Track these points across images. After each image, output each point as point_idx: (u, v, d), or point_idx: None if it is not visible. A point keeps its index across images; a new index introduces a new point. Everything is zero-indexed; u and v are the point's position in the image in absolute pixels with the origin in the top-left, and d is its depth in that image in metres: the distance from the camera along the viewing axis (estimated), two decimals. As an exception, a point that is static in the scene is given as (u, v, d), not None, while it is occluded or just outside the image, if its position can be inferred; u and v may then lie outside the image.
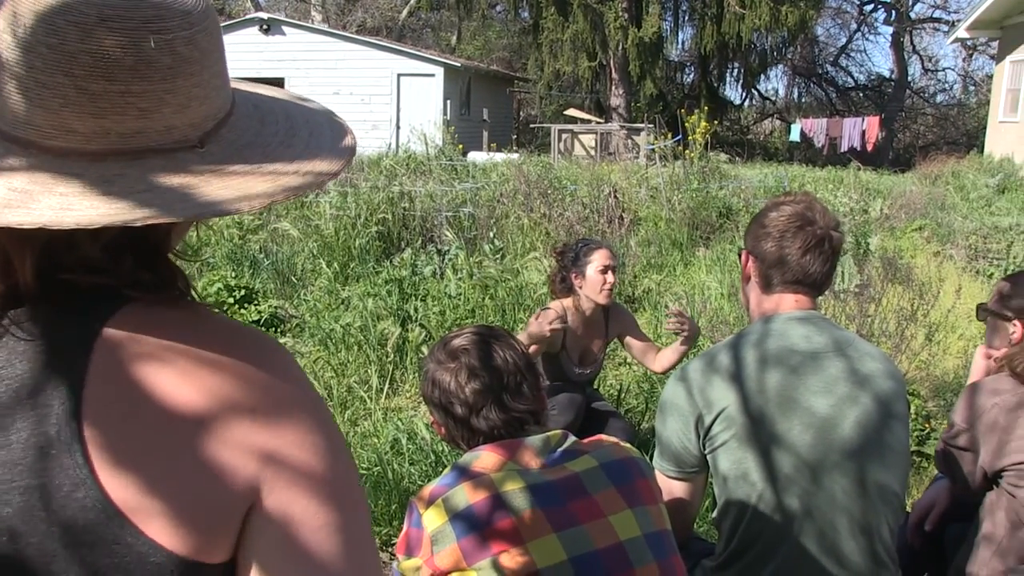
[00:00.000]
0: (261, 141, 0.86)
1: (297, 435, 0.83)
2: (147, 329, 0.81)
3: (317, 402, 0.88)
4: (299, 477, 0.82)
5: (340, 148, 0.91)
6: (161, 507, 0.77)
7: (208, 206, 0.77)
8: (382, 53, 23.26)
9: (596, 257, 3.86)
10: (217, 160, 0.81)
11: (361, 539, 0.86)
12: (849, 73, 36.32)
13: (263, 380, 0.84)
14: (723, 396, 1.96)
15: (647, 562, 1.63)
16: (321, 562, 0.82)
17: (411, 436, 4.15)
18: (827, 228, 2.05)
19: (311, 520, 0.82)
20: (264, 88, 0.99)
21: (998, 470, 2.31)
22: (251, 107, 0.91)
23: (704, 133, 12.79)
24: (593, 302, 3.90)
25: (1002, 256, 9.58)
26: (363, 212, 8.55)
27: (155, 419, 0.78)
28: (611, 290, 3.87)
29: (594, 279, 3.85)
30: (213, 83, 0.83)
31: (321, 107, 0.99)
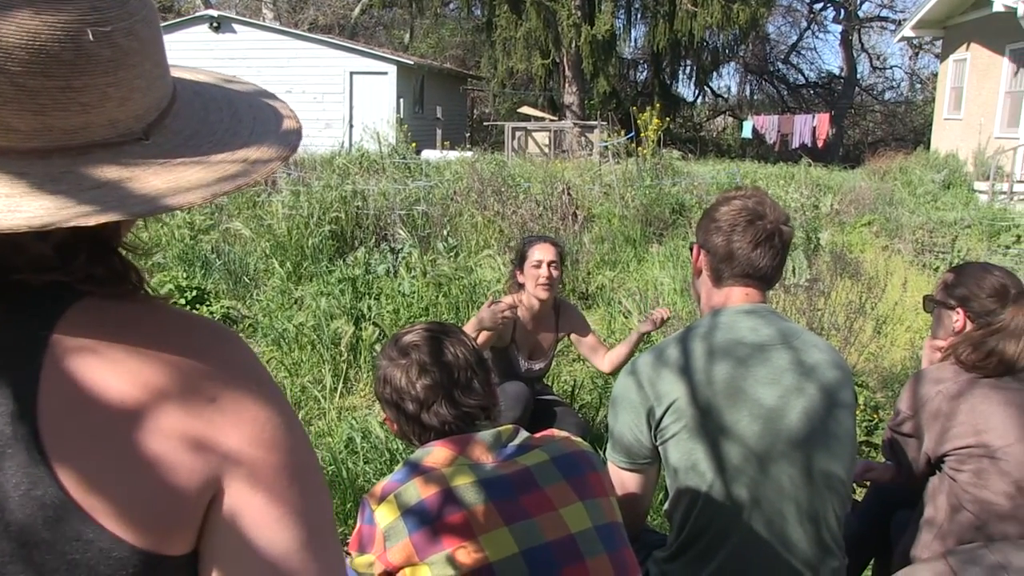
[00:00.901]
0: (207, 129, 0.84)
1: (256, 425, 0.82)
2: (102, 324, 0.80)
3: (275, 392, 0.87)
4: (259, 467, 0.81)
5: (286, 132, 0.89)
6: (121, 501, 0.76)
7: (161, 199, 0.76)
8: (335, 51, 23.10)
9: (533, 252, 3.93)
10: (165, 152, 0.80)
11: (323, 527, 0.86)
12: (800, 71, 36.79)
13: (221, 371, 0.83)
14: (672, 389, 1.98)
15: (598, 554, 1.64)
16: (284, 550, 0.81)
17: (365, 435, 4.14)
18: (777, 222, 2.08)
19: (273, 509, 0.81)
20: (199, 73, 0.96)
21: (941, 455, 2.37)
22: (192, 94, 0.89)
23: (657, 130, 12.88)
24: (535, 297, 3.95)
25: (947, 250, 9.78)
26: (316, 211, 8.49)
27: (111, 413, 0.76)
28: (548, 284, 3.91)
29: (531, 273, 3.91)
30: (155, 72, 0.81)
31: (256, 88, 0.97)
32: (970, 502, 2.29)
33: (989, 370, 2.36)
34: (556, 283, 3.98)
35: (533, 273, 3.90)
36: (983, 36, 18.25)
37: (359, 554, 1.65)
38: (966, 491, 2.30)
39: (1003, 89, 17.66)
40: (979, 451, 2.29)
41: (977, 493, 2.28)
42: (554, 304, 4.13)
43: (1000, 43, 17.49)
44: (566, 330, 4.20)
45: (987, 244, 10.52)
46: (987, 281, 2.45)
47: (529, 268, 3.92)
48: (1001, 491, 2.25)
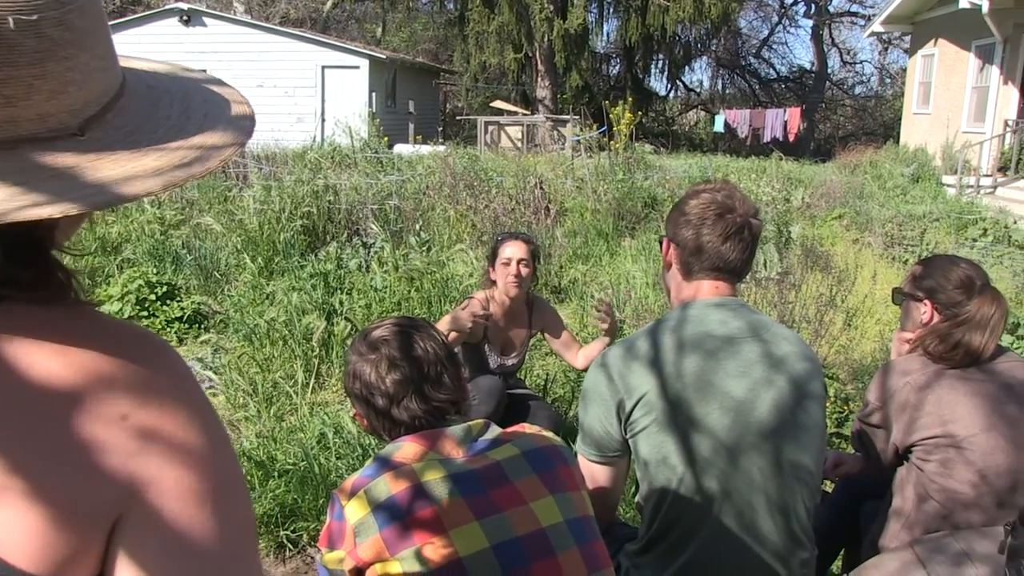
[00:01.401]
0: (150, 126, 0.79)
1: (173, 442, 0.77)
2: (21, 330, 0.74)
3: (200, 407, 0.82)
4: (173, 487, 0.76)
5: (239, 118, 0.85)
6: (15, 524, 0.70)
7: (93, 195, 0.71)
8: (306, 45, 22.97)
9: (505, 249, 3.94)
10: (100, 147, 0.75)
11: (242, 549, 0.81)
12: (771, 65, 37.03)
13: (141, 384, 0.77)
14: (643, 382, 1.99)
15: (569, 547, 1.64)
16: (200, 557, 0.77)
17: (338, 430, 4.13)
18: (746, 216, 2.08)
19: (186, 531, 0.76)
20: (159, 65, 0.92)
21: (908, 446, 2.39)
22: (145, 88, 0.84)
23: (629, 124, 12.91)
24: (506, 294, 3.96)
25: (916, 243, 9.88)
26: (287, 206, 8.45)
27: (12, 426, 0.71)
28: (517, 283, 3.91)
29: (501, 271, 3.93)
30: (93, 65, 0.76)
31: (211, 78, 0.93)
32: (936, 492, 2.32)
33: (956, 361, 2.38)
34: (527, 281, 3.99)
35: (503, 271, 3.92)
36: (950, 32, 18.45)
37: (329, 550, 1.64)
38: (933, 481, 2.33)
39: (970, 84, 17.86)
40: (945, 441, 2.31)
41: (943, 483, 2.30)
42: (527, 300, 4.14)
43: (966, 39, 17.68)
44: (539, 326, 4.21)
45: (955, 237, 10.64)
46: (954, 273, 2.47)
47: (500, 265, 3.93)
48: (966, 480, 2.27)
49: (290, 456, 3.86)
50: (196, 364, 5.38)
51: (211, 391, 5.07)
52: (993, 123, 16.59)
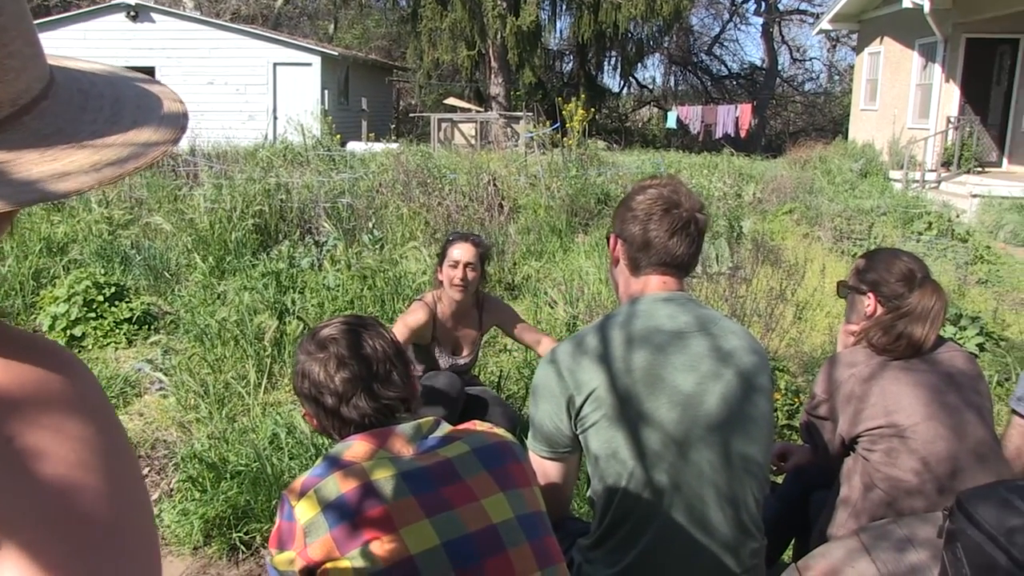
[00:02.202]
0: (72, 129, 0.74)
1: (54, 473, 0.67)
2: None
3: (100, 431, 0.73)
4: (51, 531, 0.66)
5: (173, 115, 0.82)
6: None
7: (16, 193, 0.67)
8: (257, 42, 22.73)
9: (452, 251, 3.91)
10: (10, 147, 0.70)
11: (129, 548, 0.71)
12: (723, 62, 37.34)
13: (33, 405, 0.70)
14: (592, 377, 1.99)
15: (520, 543, 1.65)
16: None
17: (290, 430, 4.11)
18: (692, 211, 2.10)
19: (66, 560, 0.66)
20: (97, 66, 0.88)
21: (854, 436, 2.44)
22: (76, 91, 0.80)
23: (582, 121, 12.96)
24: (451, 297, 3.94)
25: (864, 236, 10.04)
26: (239, 204, 8.37)
27: None
28: (462, 287, 3.89)
29: (448, 272, 3.90)
30: (7, 64, 0.72)
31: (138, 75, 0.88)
32: (881, 480, 2.37)
33: (899, 352, 2.43)
34: (473, 284, 3.94)
35: (449, 273, 3.89)
36: (895, 30, 18.76)
37: (279, 551, 1.63)
38: (878, 470, 2.38)
39: (914, 82, 18.18)
40: (889, 431, 2.36)
41: (888, 471, 2.35)
42: (477, 301, 4.11)
43: (910, 37, 18.00)
44: (491, 325, 4.20)
45: (902, 231, 10.84)
46: (896, 266, 2.52)
47: (447, 267, 3.90)
48: (909, 468, 2.32)
49: (242, 457, 3.83)
50: (146, 366, 5.31)
51: (161, 393, 5.02)
52: (936, 120, 16.92)
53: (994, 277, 8.76)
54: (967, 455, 2.34)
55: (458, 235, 4.07)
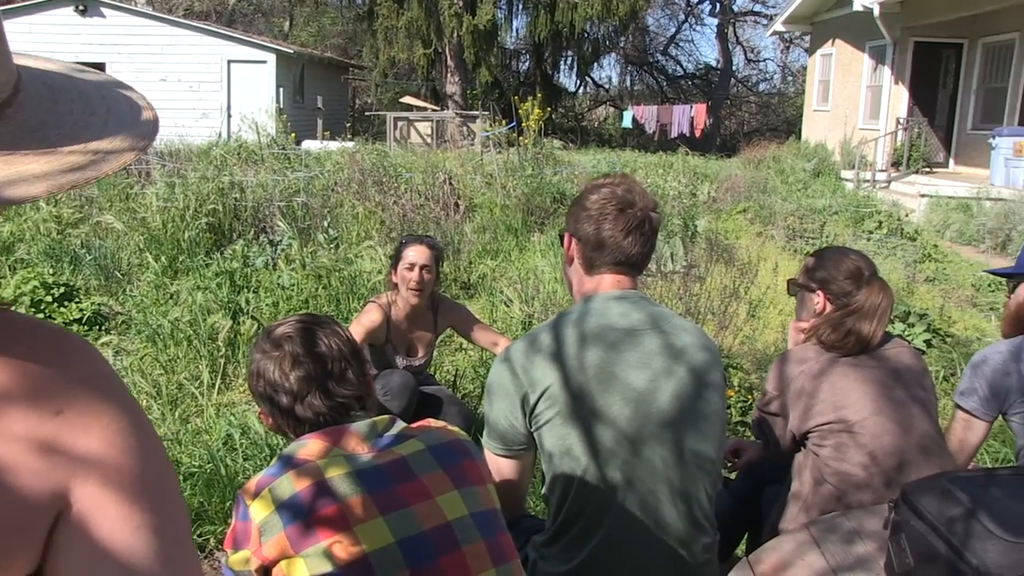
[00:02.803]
0: (55, 121, 0.77)
1: (106, 436, 0.77)
2: None
3: (128, 402, 0.82)
4: (110, 479, 0.76)
5: (143, 122, 0.83)
6: None
7: None
8: (211, 39, 22.47)
9: (407, 253, 3.89)
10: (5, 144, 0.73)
11: (179, 541, 0.82)
12: (678, 62, 37.63)
13: (69, 379, 0.78)
14: (546, 375, 2.00)
15: (474, 540, 1.66)
16: (137, 565, 0.76)
17: (244, 431, 4.07)
18: (646, 209, 2.11)
19: (124, 523, 0.76)
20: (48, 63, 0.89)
21: (805, 432, 2.48)
22: (40, 85, 0.81)
23: (538, 120, 12.98)
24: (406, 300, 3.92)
25: (816, 235, 10.19)
26: (192, 203, 8.28)
27: None
28: (418, 290, 3.88)
29: (403, 275, 3.88)
30: None
31: (109, 79, 0.90)
32: (831, 475, 2.41)
33: (848, 349, 2.48)
34: (429, 286, 3.94)
35: (405, 276, 3.87)
36: (846, 33, 19.06)
37: (234, 551, 1.63)
38: (827, 465, 2.42)
39: (865, 83, 18.49)
40: (839, 426, 2.41)
41: (837, 466, 2.40)
42: (431, 302, 4.10)
43: (861, 40, 18.31)
44: (446, 326, 4.19)
45: (853, 230, 11.00)
46: (844, 264, 2.57)
47: (402, 270, 3.87)
48: (857, 462, 2.37)
49: (195, 459, 3.79)
50: (97, 366, 5.23)
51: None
52: (886, 121, 17.23)
53: (941, 275, 8.94)
54: (913, 449, 2.40)
55: (412, 237, 4.05)
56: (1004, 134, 13.80)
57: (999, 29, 15.95)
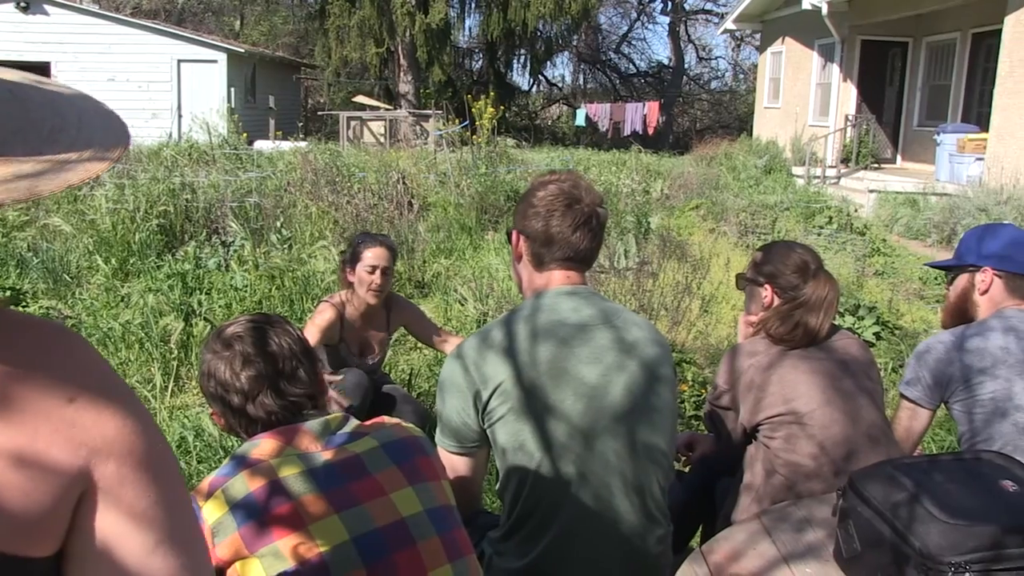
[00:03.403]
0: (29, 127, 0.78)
1: (117, 420, 0.82)
2: None
3: (127, 388, 0.88)
4: (127, 460, 0.82)
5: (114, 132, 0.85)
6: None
7: None
8: (160, 38, 22.17)
9: (367, 255, 3.85)
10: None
11: (189, 512, 0.89)
12: (631, 60, 37.83)
13: (74, 370, 0.83)
14: (498, 371, 2.01)
15: (429, 536, 1.67)
16: (155, 539, 0.83)
17: (198, 433, 4.04)
18: (593, 205, 2.13)
19: (142, 500, 0.82)
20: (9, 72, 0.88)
21: (755, 424, 2.52)
22: (6, 92, 0.82)
23: (491, 119, 12.99)
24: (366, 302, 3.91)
25: (768, 231, 10.31)
26: (142, 205, 8.18)
27: None
28: (378, 291, 3.87)
29: (362, 276, 3.85)
30: None
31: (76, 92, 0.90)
32: (782, 465, 2.45)
33: (796, 341, 2.52)
34: (387, 288, 3.94)
35: (365, 278, 3.84)
36: (796, 31, 19.32)
37: None
38: (778, 456, 2.46)
39: (814, 81, 18.76)
40: (789, 418, 2.44)
41: (787, 457, 2.44)
42: (384, 301, 4.08)
43: (810, 38, 18.58)
44: (399, 325, 4.18)
45: (804, 225, 11.15)
46: (791, 258, 2.61)
47: (361, 271, 3.84)
48: (807, 453, 2.41)
49: (149, 462, 3.74)
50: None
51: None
52: (836, 118, 17.50)
53: (889, 269, 9.09)
54: (861, 438, 2.44)
55: (368, 237, 4.01)
56: (948, 131, 14.10)
57: (942, 28, 16.29)
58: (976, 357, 2.54)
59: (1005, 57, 12.36)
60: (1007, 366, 2.49)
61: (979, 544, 1.52)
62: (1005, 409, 2.45)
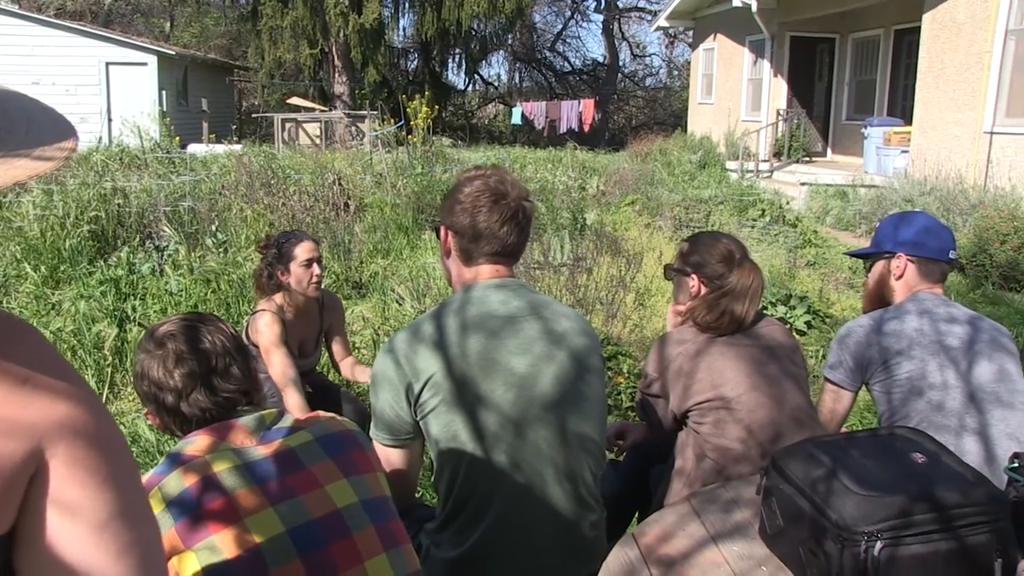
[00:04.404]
0: None
1: (71, 402, 0.85)
2: None
3: (75, 372, 0.90)
4: (78, 440, 0.84)
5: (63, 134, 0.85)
6: None
7: None
8: (87, 40, 21.66)
9: (299, 251, 3.81)
10: None
11: (139, 491, 0.92)
12: (566, 58, 37.99)
13: (27, 354, 0.85)
14: (429, 364, 2.04)
15: (365, 527, 1.69)
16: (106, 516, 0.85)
17: (135, 439, 4.02)
18: (519, 199, 2.16)
19: (94, 477, 0.84)
20: None
21: (685, 411, 2.58)
22: None
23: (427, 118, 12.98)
24: (303, 295, 3.89)
25: (702, 224, 10.47)
26: (72, 211, 8.03)
27: None
28: (319, 283, 3.87)
29: (300, 273, 3.81)
30: None
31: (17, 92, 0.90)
32: (711, 450, 2.51)
33: (723, 329, 2.59)
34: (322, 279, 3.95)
35: (303, 273, 3.81)
36: (727, 28, 19.62)
37: None
38: (707, 441, 2.52)
39: (746, 77, 19.06)
40: (717, 403, 2.51)
41: (716, 441, 2.50)
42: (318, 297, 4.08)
43: (741, 35, 18.88)
44: (329, 322, 4.18)
45: (738, 218, 11.34)
46: (716, 248, 2.68)
47: (297, 268, 3.81)
48: (735, 437, 2.48)
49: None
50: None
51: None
52: (767, 112, 17.81)
53: (820, 259, 9.30)
54: (787, 421, 2.52)
55: (292, 235, 3.96)
56: (875, 124, 14.46)
57: (866, 25, 16.69)
58: (893, 340, 2.64)
59: (925, 53, 12.71)
60: (922, 347, 2.60)
61: (889, 513, 1.60)
62: (920, 388, 2.55)
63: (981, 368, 2.57)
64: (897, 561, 1.58)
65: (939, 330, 2.63)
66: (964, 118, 11.82)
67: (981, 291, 8.02)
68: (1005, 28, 11.16)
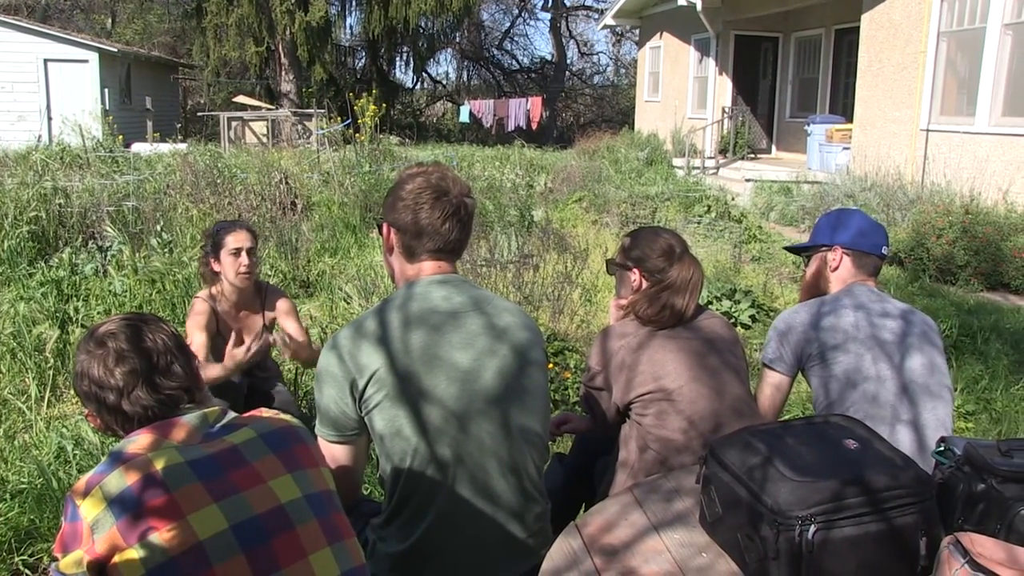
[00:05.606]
0: None
1: None
2: None
3: None
4: None
5: None
6: None
7: None
8: (24, 36, 21.23)
9: (229, 239, 3.84)
10: None
11: None
12: (514, 56, 38.05)
13: None
14: (372, 359, 2.05)
15: (308, 520, 1.69)
16: None
17: (78, 442, 3.95)
18: (460, 196, 2.18)
19: None
20: None
21: (628, 403, 2.62)
22: None
23: (374, 116, 12.94)
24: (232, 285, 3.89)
25: (648, 221, 10.56)
26: (11, 211, 7.88)
27: None
28: (247, 273, 3.86)
29: (227, 262, 3.84)
30: None
31: None
32: (654, 441, 2.56)
33: (663, 322, 2.63)
34: (255, 268, 3.93)
35: (232, 262, 3.83)
36: (673, 26, 19.81)
37: (64, 555, 1.60)
38: (650, 432, 2.57)
39: (692, 75, 19.27)
40: (659, 395, 2.56)
41: (658, 432, 2.55)
42: (257, 287, 4.07)
43: (686, 33, 19.09)
44: (272, 309, 4.15)
45: (684, 214, 11.46)
46: (657, 243, 2.73)
47: (227, 256, 3.83)
48: (677, 428, 2.53)
49: (24, 475, 3.65)
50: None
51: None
52: (713, 110, 18.03)
53: (765, 254, 9.43)
54: (727, 412, 2.57)
55: (226, 224, 3.98)
56: (817, 121, 14.70)
57: (808, 25, 16.98)
58: (830, 334, 2.71)
59: (864, 52, 12.97)
60: (857, 342, 2.67)
61: (823, 497, 1.65)
62: (855, 380, 2.63)
63: (913, 361, 2.65)
64: (830, 543, 1.63)
65: (874, 324, 2.71)
66: (902, 116, 12.07)
67: (919, 284, 8.20)
68: (937, 30, 11.42)
